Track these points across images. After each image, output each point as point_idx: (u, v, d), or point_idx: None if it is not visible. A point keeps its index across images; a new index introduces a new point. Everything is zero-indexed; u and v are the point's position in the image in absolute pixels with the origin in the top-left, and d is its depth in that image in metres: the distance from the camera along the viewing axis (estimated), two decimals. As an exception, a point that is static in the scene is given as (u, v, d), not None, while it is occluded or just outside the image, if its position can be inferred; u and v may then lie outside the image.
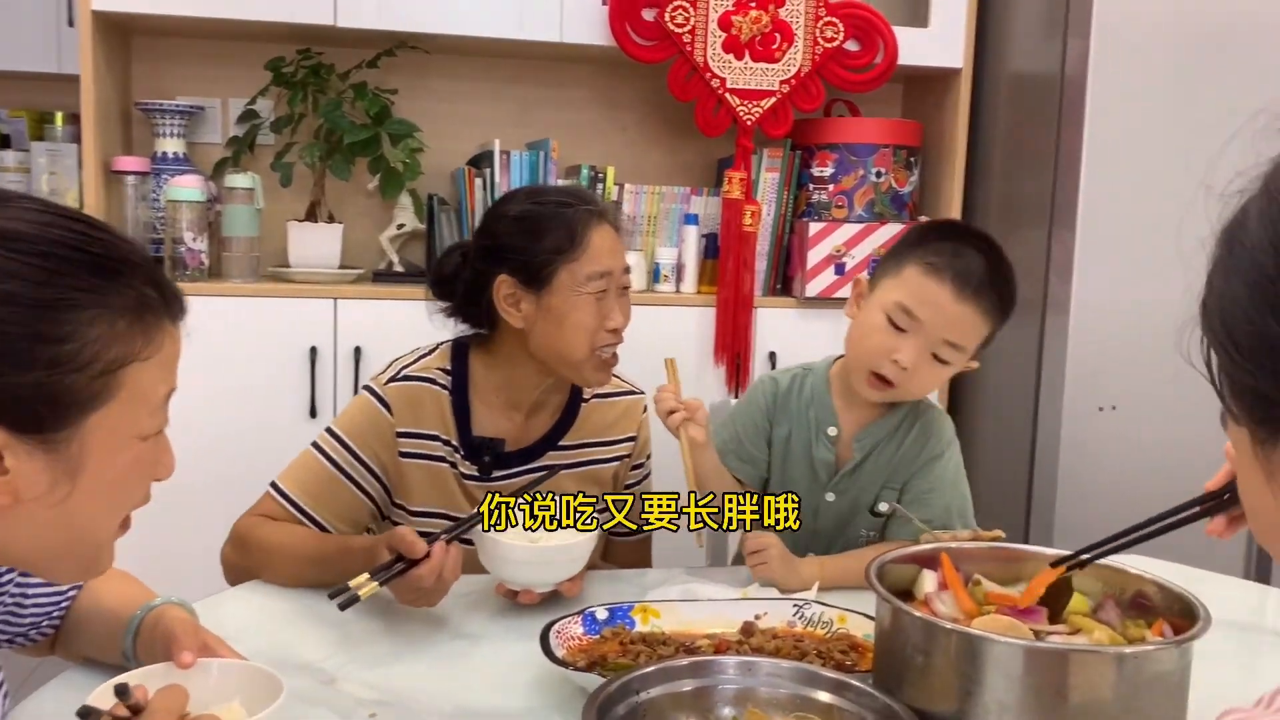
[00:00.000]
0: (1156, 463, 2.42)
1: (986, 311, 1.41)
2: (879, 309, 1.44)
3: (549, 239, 1.47)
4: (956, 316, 1.40)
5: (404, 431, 1.50)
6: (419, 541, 1.24)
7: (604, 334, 1.49)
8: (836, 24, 2.54)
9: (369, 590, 1.21)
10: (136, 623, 1.07)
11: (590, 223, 1.48)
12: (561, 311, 1.47)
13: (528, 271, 1.48)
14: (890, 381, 1.44)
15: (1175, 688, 0.93)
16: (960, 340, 1.42)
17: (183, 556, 2.28)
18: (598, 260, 1.47)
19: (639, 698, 0.95)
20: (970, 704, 0.91)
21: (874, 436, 1.53)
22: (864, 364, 1.46)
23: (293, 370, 2.38)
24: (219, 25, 2.45)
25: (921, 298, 1.40)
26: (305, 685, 1.11)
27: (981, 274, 1.40)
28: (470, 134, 2.72)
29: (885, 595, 0.98)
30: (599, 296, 1.48)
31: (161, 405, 0.85)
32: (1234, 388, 0.61)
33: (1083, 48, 2.33)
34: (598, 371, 1.51)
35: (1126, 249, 2.37)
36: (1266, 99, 2.25)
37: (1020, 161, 2.58)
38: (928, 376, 1.45)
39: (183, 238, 2.40)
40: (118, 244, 0.81)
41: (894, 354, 1.42)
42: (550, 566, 1.32)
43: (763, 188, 2.65)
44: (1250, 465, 0.61)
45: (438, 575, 1.24)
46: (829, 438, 1.54)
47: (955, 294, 1.39)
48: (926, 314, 1.40)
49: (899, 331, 1.42)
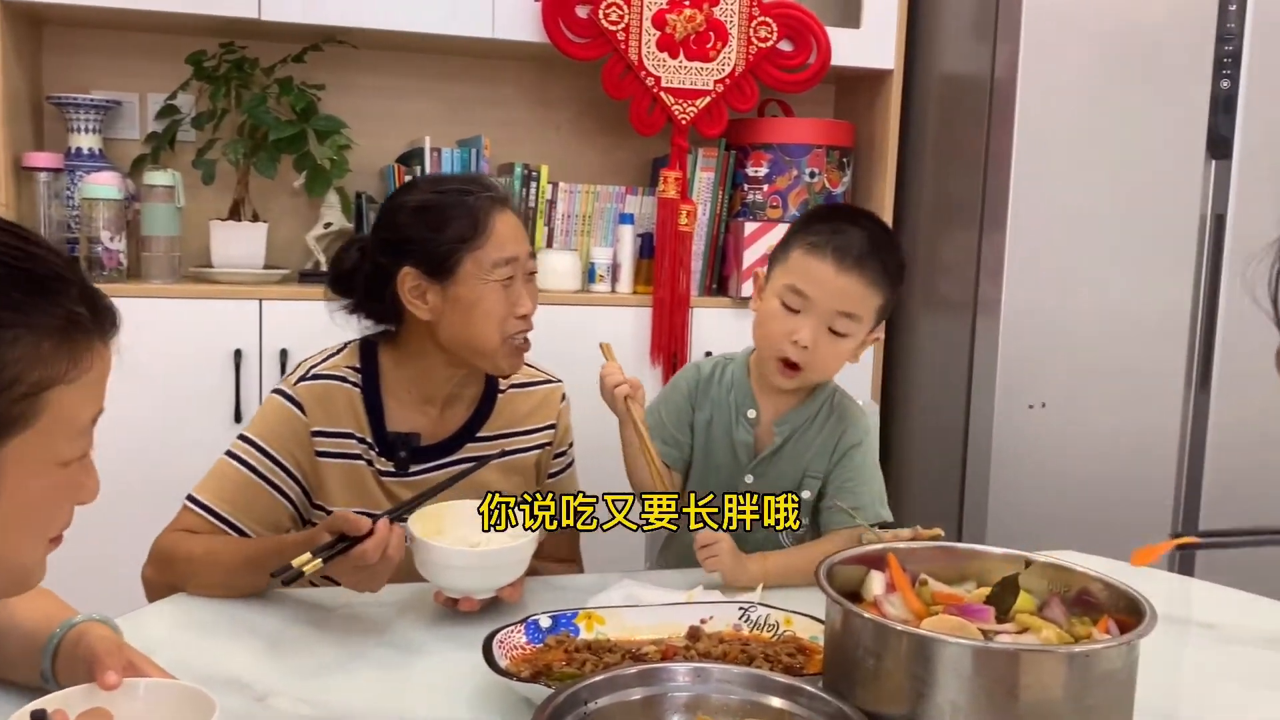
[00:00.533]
0: (1084, 458, 2.46)
1: (871, 280, 1.48)
2: (773, 296, 1.51)
3: (452, 228, 1.45)
4: (842, 288, 1.46)
5: (318, 431, 1.48)
6: (361, 518, 1.21)
7: (514, 321, 1.47)
8: (770, 24, 2.54)
9: (312, 566, 1.18)
10: (55, 641, 1.01)
11: (493, 209, 1.46)
12: (469, 301, 1.45)
13: (432, 262, 1.45)
14: (797, 364, 1.50)
15: (1124, 684, 0.94)
16: (852, 308, 1.48)
17: (102, 569, 2.19)
18: (503, 246, 1.45)
19: (587, 708, 0.93)
20: (922, 705, 0.90)
21: (793, 422, 1.58)
22: (769, 351, 1.52)
23: (216, 374, 2.31)
24: (137, 17, 2.36)
25: (807, 276, 1.47)
26: (236, 703, 1.06)
27: (861, 246, 1.47)
28: (400, 131, 2.67)
29: (836, 598, 0.97)
30: (506, 283, 1.46)
31: (86, 429, 0.80)
32: None
33: (1012, 50, 2.36)
34: (510, 358, 1.50)
35: (1055, 249, 2.41)
36: (1189, 101, 2.31)
37: (951, 162, 2.60)
38: (830, 352, 1.50)
39: (99, 237, 2.31)
40: (48, 258, 0.77)
41: (793, 335, 1.48)
42: (491, 571, 1.29)
43: (698, 187, 2.65)
44: None
45: (383, 551, 1.21)
46: (749, 420, 1.59)
47: (837, 266, 1.46)
48: (814, 290, 1.47)
49: (793, 313, 1.49)
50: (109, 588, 1.52)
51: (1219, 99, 2.42)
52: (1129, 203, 2.42)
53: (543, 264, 2.56)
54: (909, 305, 2.74)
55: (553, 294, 2.54)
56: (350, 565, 1.22)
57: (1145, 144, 2.41)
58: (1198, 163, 2.44)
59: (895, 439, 2.77)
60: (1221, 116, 2.42)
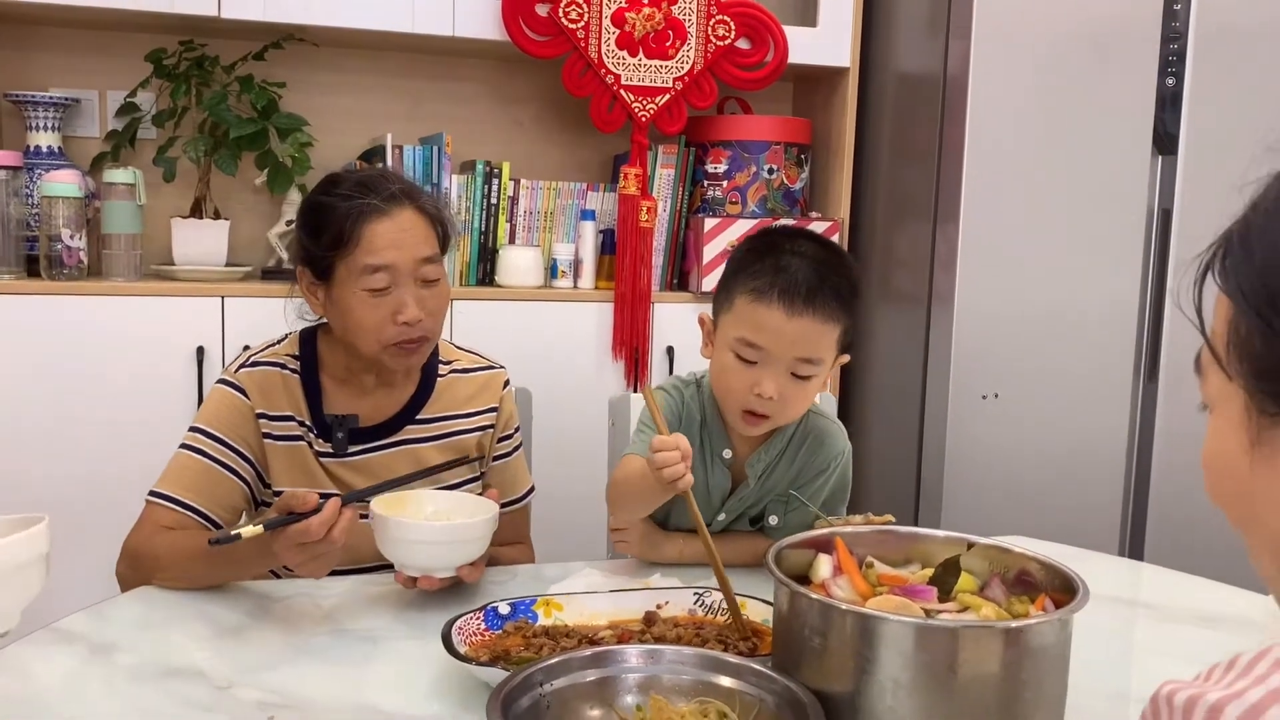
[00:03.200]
0: (1036, 447, 2.52)
1: (826, 316, 1.37)
2: (725, 348, 1.41)
3: (326, 234, 1.46)
4: (798, 333, 1.36)
5: (261, 413, 1.51)
6: (310, 494, 1.24)
7: (393, 328, 1.45)
8: (728, 22, 2.58)
9: (250, 532, 1.20)
10: None
11: (365, 217, 1.44)
12: (345, 306, 1.47)
13: (314, 264, 1.49)
14: (763, 414, 1.41)
15: (1058, 659, 0.98)
16: (811, 354, 1.38)
17: (67, 561, 2.20)
18: (373, 254, 1.44)
19: (543, 689, 0.96)
20: (865, 682, 0.94)
21: (765, 460, 1.51)
22: (732, 406, 1.43)
23: (179, 371, 2.31)
24: (95, 14, 2.36)
25: (757, 326, 1.37)
26: (199, 692, 1.08)
27: (809, 279, 1.35)
28: (361, 128, 2.68)
29: (782, 579, 1.01)
30: (380, 291, 1.45)
31: None
32: (1249, 350, 0.58)
33: (964, 48, 2.41)
34: (395, 360, 1.49)
35: (1007, 243, 2.46)
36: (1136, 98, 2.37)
37: (906, 158, 2.65)
38: (797, 397, 1.41)
39: (59, 235, 2.30)
40: None
41: (755, 388, 1.38)
42: (452, 546, 1.30)
43: (658, 184, 2.68)
44: (1235, 424, 0.60)
45: (327, 530, 1.22)
46: (724, 461, 1.51)
47: (787, 312, 1.35)
48: (767, 341, 1.37)
49: (750, 365, 1.39)
50: (77, 580, 1.54)
51: (1165, 96, 2.48)
52: (1078, 197, 2.48)
53: (505, 260, 2.58)
54: (866, 297, 2.78)
55: (515, 290, 2.57)
56: (293, 542, 1.22)
57: (1093, 140, 2.47)
58: (1145, 158, 2.50)
59: (853, 429, 2.80)
60: (1168, 113, 2.48)
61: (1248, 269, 0.57)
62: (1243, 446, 0.59)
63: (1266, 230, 0.57)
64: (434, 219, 1.51)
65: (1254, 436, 0.58)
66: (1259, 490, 0.59)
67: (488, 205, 2.60)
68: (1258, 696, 0.48)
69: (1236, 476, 0.60)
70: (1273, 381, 0.57)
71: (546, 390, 1.99)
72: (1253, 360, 0.58)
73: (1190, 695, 0.51)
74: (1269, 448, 0.58)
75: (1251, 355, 0.57)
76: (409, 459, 1.56)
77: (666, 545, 1.49)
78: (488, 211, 2.61)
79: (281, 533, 1.23)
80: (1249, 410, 0.58)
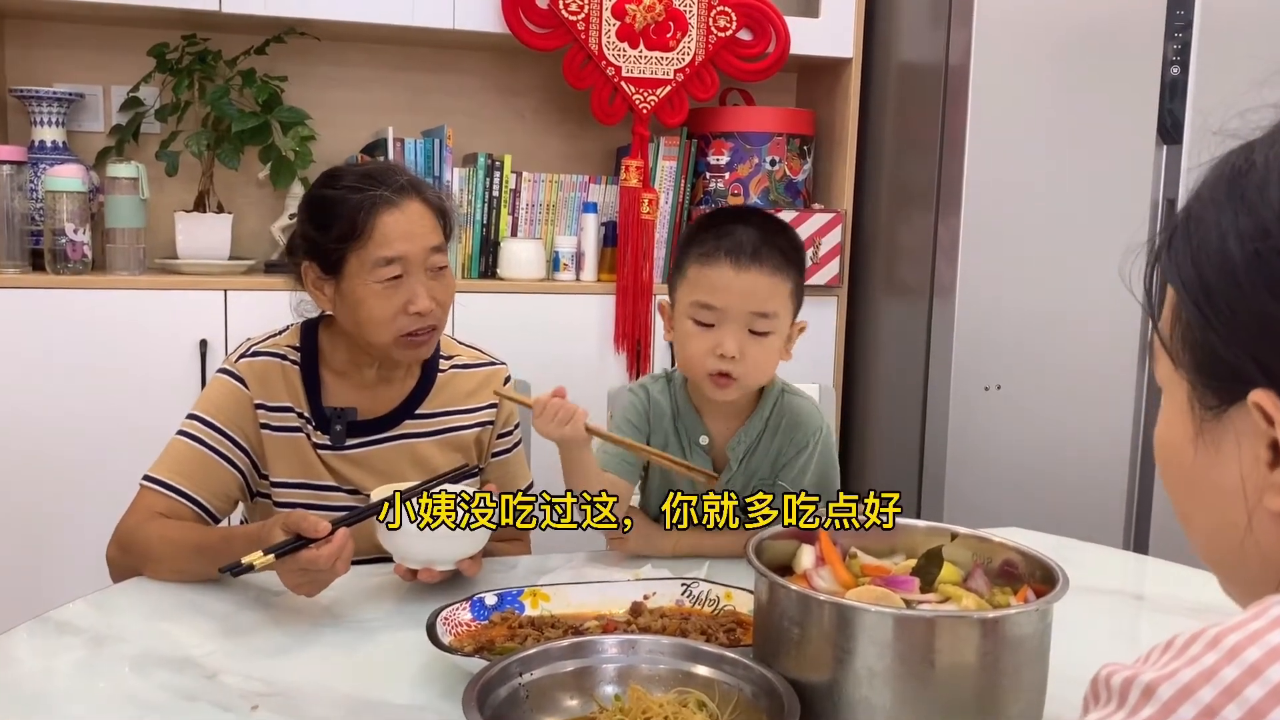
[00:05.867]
0: (1039, 439, 2.51)
1: (773, 269, 1.44)
2: (684, 317, 1.47)
3: (336, 227, 1.46)
4: (747, 287, 1.43)
5: (260, 404, 1.51)
6: (321, 521, 1.23)
7: (405, 319, 1.47)
8: (729, 13, 2.57)
9: (263, 562, 1.20)
10: None
11: (378, 208, 1.45)
12: (357, 298, 1.46)
13: (322, 258, 1.48)
14: (729, 375, 1.46)
15: (1037, 649, 0.97)
16: (765, 307, 1.44)
17: (70, 552, 2.22)
18: (387, 245, 1.45)
19: (521, 680, 0.96)
20: (842, 672, 0.94)
21: (745, 442, 1.54)
22: (698, 371, 1.48)
23: (182, 364, 2.33)
24: (98, 9, 2.38)
25: (709, 287, 1.44)
26: (187, 682, 1.09)
27: (752, 241, 1.44)
28: (363, 121, 2.68)
29: (762, 570, 1.01)
30: (392, 282, 1.46)
31: None
32: (1190, 340, 0.57)
33: (965, 37, 2.40)
34: (404, 351, 1.50)
35: (1010, 233, 2.45)
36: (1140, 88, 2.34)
37: (908, 148, 2.64)
38: (759, 355, 1.46)
39: (63, 229, 2.32)
40: None
41: (717, 349, 1.44)
42: (452, 540, 1.30)
43: (660, 176, 2.67)
44: (1181, 413, 0.59)
45: (334, 561, 1.23)
46: (703, 448, 1.55)
47: (734, 267, 1.43)
48: (720, 299, 1.44)
49: (708, 328, 1.45)
50: (79, 570, 1.56)
51: (1169, 85, 2.46)
52: (1082, 187, 2.46)
53: (507, 253, 2.59)
54: (869, 289, 2.78)
55: (517, 283, 2.57)
56: (297, 566, 1.23)
57: (1097, 129, 2.45)
58: (1149, 148, 2.48)
59: (856, 420, 2.81)
60: (1172, 103, 2.46)
61: (1185, 259, 0.56)
62: (1187, 436, 0.59)
63: (1203, 220, 0.56)
64: (439, 210, 1.53)
65: (1196, 427, 0.58)
66: (1196, 481, 0.59)
67: (489, 198, 2.61)
68: (1189, 677, 0.48)
69: (1181, 465, 0.60)
70: (1210, 376, 0.56)
71: (548, 383, 1.96)
72: (1193, 351, 0.57)
73: (1126, 676, 0.51)
74: (1210, 439, 0.57)
75: (1192, 346, 0.57)
76: (407, 453, 1.56)
77: (662, 540, 1.50)
78: (489, 204, 2.61)
79: (288, 556, 1.23)
80: (1192, 401, 0.58)
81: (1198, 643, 0.49)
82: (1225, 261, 0.54)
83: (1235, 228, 0.54)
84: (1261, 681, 0.46)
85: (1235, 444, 0.56)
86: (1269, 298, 0.52)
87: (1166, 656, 0.50)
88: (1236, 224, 0.54)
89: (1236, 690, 0.47)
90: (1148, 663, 0.51)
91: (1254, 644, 0.47)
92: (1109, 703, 0.52)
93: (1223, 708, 0.47)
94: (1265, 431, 0.53)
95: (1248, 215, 0.53)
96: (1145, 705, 0.49)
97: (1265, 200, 0.53)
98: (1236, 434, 0.56)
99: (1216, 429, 0.57)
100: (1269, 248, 0.52)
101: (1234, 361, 0.54)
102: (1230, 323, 0.54)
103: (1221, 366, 0.55)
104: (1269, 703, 0.46)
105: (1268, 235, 0.52)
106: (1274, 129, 0.56)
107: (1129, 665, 0.52)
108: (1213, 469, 0.57)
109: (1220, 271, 0.54)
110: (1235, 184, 0.55)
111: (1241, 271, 0.53)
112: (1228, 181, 0.55)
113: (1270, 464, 0.54)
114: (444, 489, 1.36)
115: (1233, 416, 0.56)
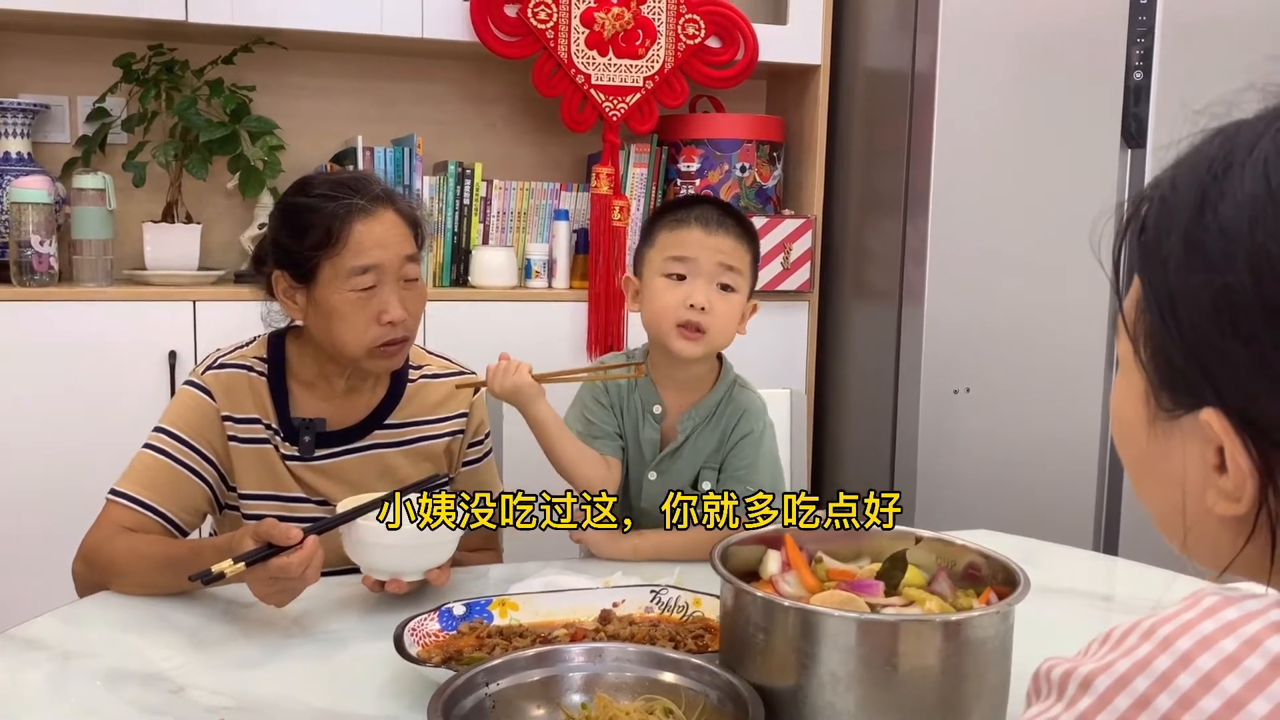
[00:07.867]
0: (1009, 441, 2.53)
1: (738, 235, 1.55)
2: (655, 277, 1.55)
3: (310, 235, 1.45)
4: (718, 243, 1.54)
5: (227, 416, 1.51)
6: (293, 529, 1.22)
7: (377, 329, 1.46)
8: (698, 21, 2.58)
9: (233, 570, 1.19)
10: None
11: (352, 216, 1.44)
12: (329, 307, 1.46)
13: (294, 267, 1.47)
14: (699, 326, 1.52)
15: (999, 651, 0.99)
16: (734, 262, 1.54)
17: (34, 567, 2.20)
18: (361, 254, 1.44)
19: (487, 690, 0.96)
20: (806, 677, 0.94)
21: (694, 419, 1.60)
22: (667, 323, 1.54)
23: (151, 375, 2.31)
24: (64, 19, 2.36)
25: (683, 242, 1.54)
26: (154, 697, 1.09)
27: (717, 213, 1.56)
28: (332, 130, 2.68)
29: (727, 576, 1.01)
30: (366, 292, 1.45)
31: None
32: (1152, 342, 0.57)
33: (931, 44, 2.42)
34: (377, 361, 1.50)
35: (977, 237, 2.47)
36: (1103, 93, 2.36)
37: (876, 154, 2.66)
38: (725, 311, 1.54)
39: (29, 241, 2.30)
40: None
41: (688, 300, 1.52)
42: (421, 550, 1.30)
43: (631, 183, 2.68)
44: (1136, 396, 0.59)
45: (305, 569, 1.22)
46: (654, 416, 1.61)
47: (704, 229, 1.54)
48: (694, 250, 1.53)
49: (680, 280, 1.53)
50: (44, 585, 1.54)
51: (1133, 90, 2.49)
52: (1047, 191, 2.49)
53: (478, 261, 2.59)
54: (839, 294, 2.80)
55: (489, 290, 2.57)
56: (267, 575, 1.22)
57: (1062, 134, 2.48)
58: (1114, 151, 2.51)
59: (827, 423, 2.83)
60: (1136, 107, 2.49)
61: (1156, 262, 0.56)
62: (1141, 420, 0.59)
63: (1170, 232, 0.55)
64: (412, 221, 1.52)
65: (1150, 416, 0.59)
66: (1148, 465, 0.60)
67: (460, 206, 2.61)
68: (1125, 668, 0.49)
69: (1136, 444, 0.60)
70: (1167, 384, 0.57)
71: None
72: (1153, 355, 0.58)
73: (1065, 669, 0.52)
74: (1161, 430, 0.58)
75: (1153, 349, 0.57)
76: (376, 464, 1.56)
77: (623, 540, 1.52)
78: (460, 212, 2.61)
79: (259, 564, 1.22)
80: (1148, 396, 0.58)
81: (1133, 634, 0.51)
82: (1190, 289, 0.54)
83: (1199, 263, 0.53)
84: (1191, 670, 0.48)
85: (1183, 442, 0.57)
86: (1230, 337, 0.52)
87: (1105, 649, 0.52)
88: (1199, 260, 0.53)
89: (1168, 679, 0.48)
90: (1087, 655, 0.52)
91: (1185, 634, 0.49)
92: (1049, 696, 0.53)
93: (1155, 697, 0.48)
94: (1214, 438, 0.55)
95: (1218, 252, 0.52)
96: (1083, 697, 0.50)
97: (1229, 259, 0.52)
98: (1184, 435, 0.57)
99: (1168, 426, 0.58)
100: (1231, 290, 0.52)
101: (1190, 377, 0.55)
102: (1190, 340, 0.54)
103: (1179, 377, 0.56)
104: (1198, 691, 0.47)
105: (1232, 291, 0.52)
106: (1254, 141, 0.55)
107: (1069, 659, 0.53)
108: (1161, 460, 0.59)
109: (1186, 294, 0.54)
110: (1203, 221, 0.53)
111: (1206, 311, 0.53)
112: (1197, 208, 0.54)
113: (1217, 467, 0.55)
114: (410, 499, 1.36)
115: (1184, 421, 0.57)
